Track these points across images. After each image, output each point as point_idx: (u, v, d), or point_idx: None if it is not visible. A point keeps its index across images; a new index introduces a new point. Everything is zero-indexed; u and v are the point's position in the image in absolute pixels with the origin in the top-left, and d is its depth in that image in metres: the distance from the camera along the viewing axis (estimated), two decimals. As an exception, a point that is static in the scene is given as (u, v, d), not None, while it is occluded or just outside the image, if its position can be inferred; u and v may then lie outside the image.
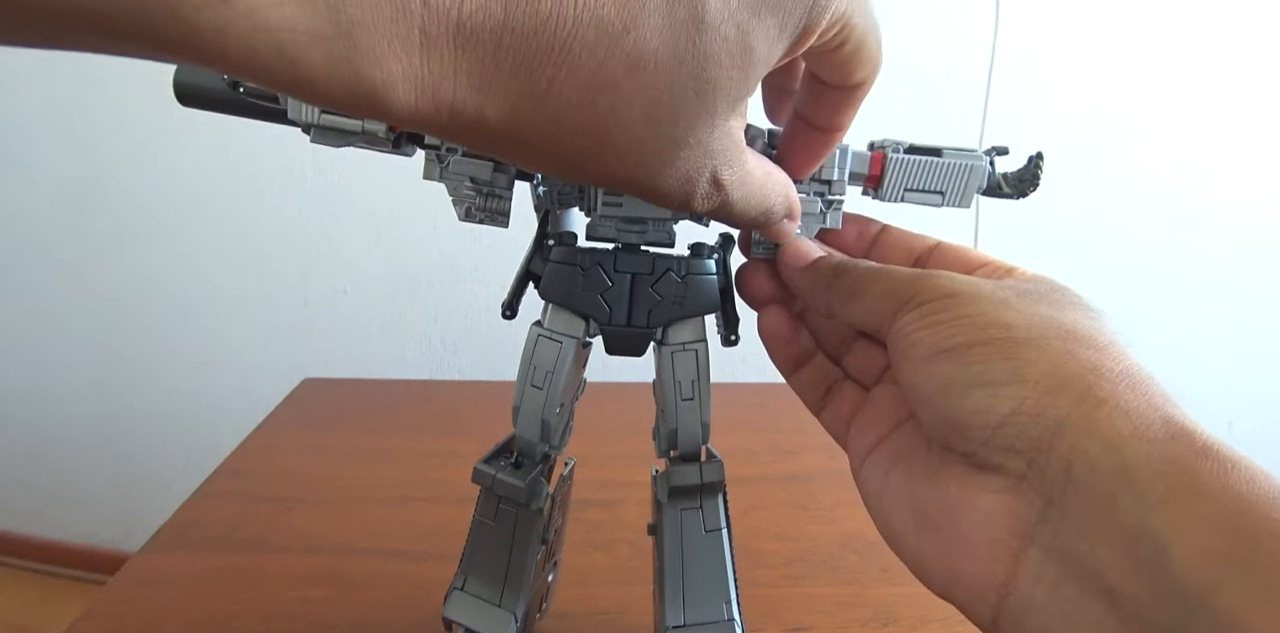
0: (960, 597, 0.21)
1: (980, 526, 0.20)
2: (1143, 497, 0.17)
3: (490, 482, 0.30)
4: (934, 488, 0.22)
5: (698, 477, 0.29)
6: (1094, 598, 0.18)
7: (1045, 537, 0.19)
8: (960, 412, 0.20)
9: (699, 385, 0.29)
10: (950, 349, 0.21)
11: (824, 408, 0.29)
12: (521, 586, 0.31)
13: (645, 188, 0.20)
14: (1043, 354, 0.20)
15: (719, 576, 0.30)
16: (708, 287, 0.28)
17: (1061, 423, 0.19)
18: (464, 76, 0.16)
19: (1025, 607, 0.19)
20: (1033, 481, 0.19)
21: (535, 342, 0.28)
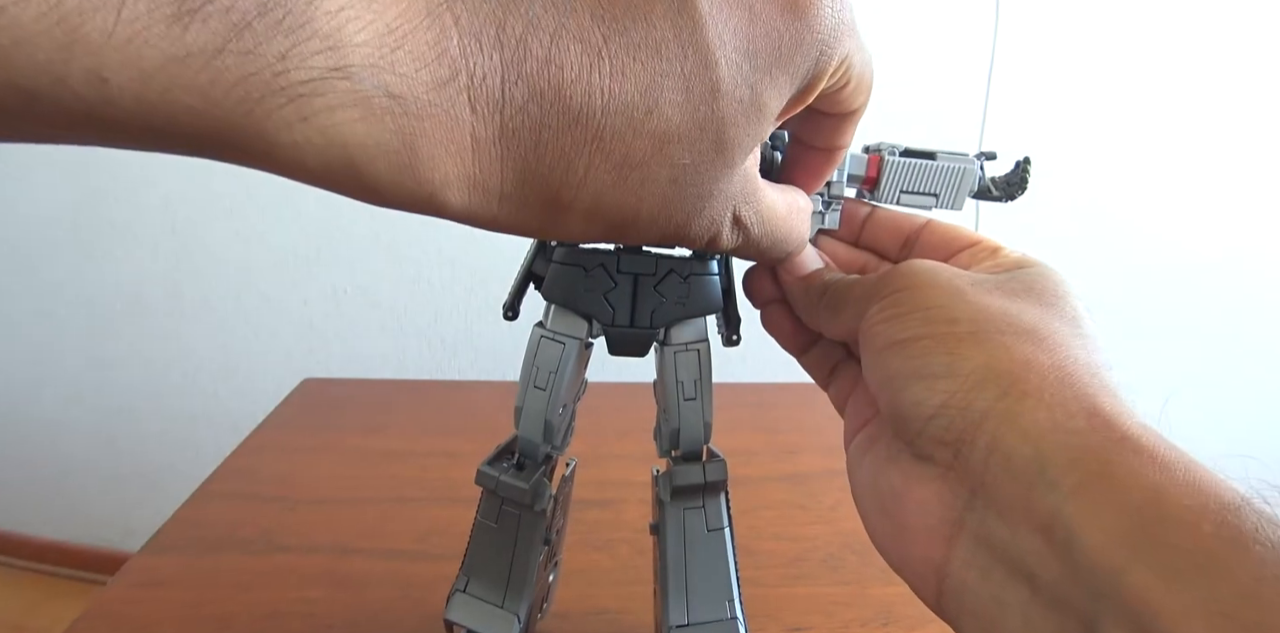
0: (909, 578, 0.22)
1: (917, 513, 0.21)
2: (1055, 486, 0.18)
3: (494, 484, 0.29)
4: (886, 476, 0.23)
5: (700, 476, 0.29)
6: (1019, 583, 0.19)
7: (972, 525, 0.20)
8: (901, 403, 0.22)
9: (701, 385, 0.29)
10: (900, 341, 0.22)
11: (830, 385, 0.30)
12: (524, 587, 0.30)
13: (676, 239, 0.22)
14: (979, 348, 0.21)
15: (721, 575, 0.30)
16: (710, 287, 0.28)
17: (985, 415, 0.20)
18: (510, 172, 0.18)
19: (961, 590, 0.20)
20: (958, 471, 0.20)
21: (538, 343, 0.28)
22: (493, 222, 0.19)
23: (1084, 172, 1.07)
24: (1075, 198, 1.07)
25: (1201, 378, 1.18)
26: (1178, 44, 1.04)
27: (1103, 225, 1.12)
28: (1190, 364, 1.18)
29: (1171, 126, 1.08)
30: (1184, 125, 1.08)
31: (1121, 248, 1.13)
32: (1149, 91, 1.06)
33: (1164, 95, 1.06)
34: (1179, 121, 1.08)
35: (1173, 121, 1.08)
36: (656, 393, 0.31)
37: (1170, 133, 1.08)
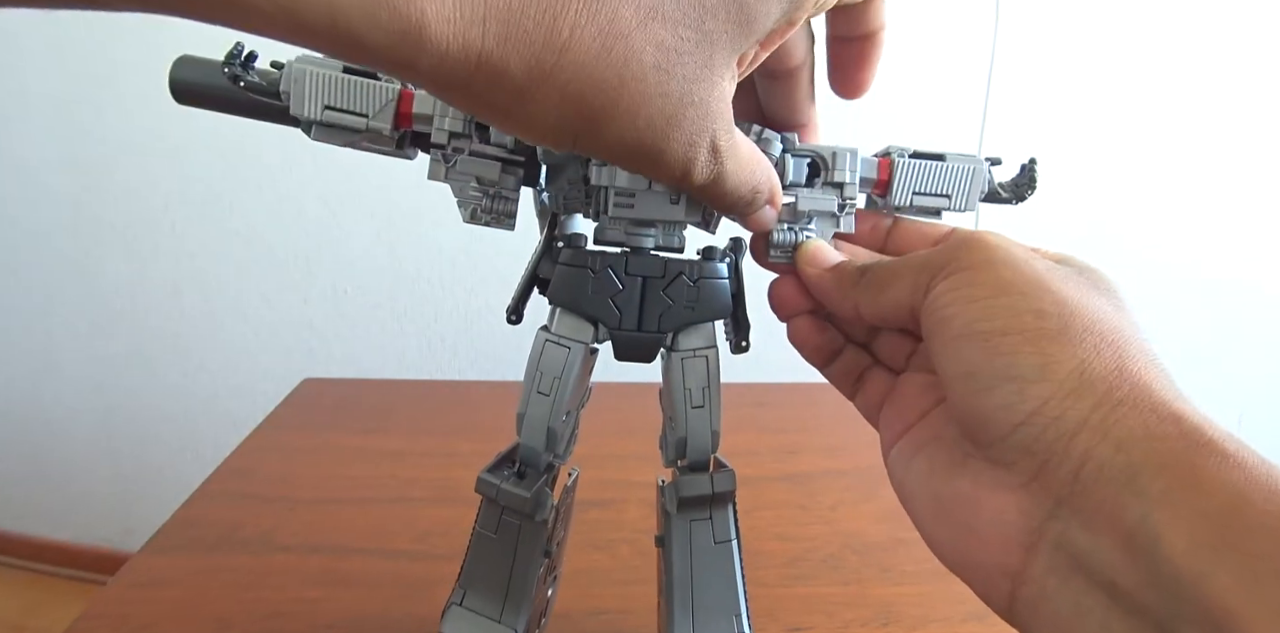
0: (976, 583, 0.22)
1: (992, 522, 0.21)
2: (1144, 494, 0.18)
3: (495, 492, 0.29)
4: (951, 481, 0.22)
5: (709, 487, 0.28)
6: (1098, 590, 0.19)
7: (1054, 533, 0.20)
8: (984, 405, 0.21)
9: (709, 393, 0.28)
10: (983, 333, 0.21)
11: (856, 394, 0.29)
12: (523, 600, 0.30)
13: (652, 153, 0.21)
14: (1070, 351, 0.20)
15: (729, 589, 0.29)
16: (720, 291, 0.28)
17: (1080, 427, 0.20)
18: (493, 23, 0.17)
19: (1039, 596, 0.20)
20: (1044, 480, 0.20)
21: (542, 347, 0.28)
22: (467, 85, 0.18)
23: (1084, 172, 1.07)
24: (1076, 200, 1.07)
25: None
26: (1178, 44, 1.04)
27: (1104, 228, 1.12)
28: (1187, 365, 1.18)
29: (1173, 126, 1.08)
30: (1186, 125, 1.08)
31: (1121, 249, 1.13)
32: (1150, 91, 1.06)
33: (1164, 95, 1.06)
34: (1180, 121, 1.08)
35: (1174, 121, 1.08)
36: (662, 400, 0.31)
37: (1172, 133, 1.08)
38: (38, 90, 1.06)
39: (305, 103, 0.25)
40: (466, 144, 0.26)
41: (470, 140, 0.26)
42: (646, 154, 0.21)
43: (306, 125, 0.26)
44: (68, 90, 1.05)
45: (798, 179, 0.28)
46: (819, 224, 0.28)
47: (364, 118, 0.25)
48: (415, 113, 0.26)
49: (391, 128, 0.25)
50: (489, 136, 0.26)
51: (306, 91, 0.25)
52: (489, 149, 0.26)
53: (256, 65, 0.25)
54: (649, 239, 0.28)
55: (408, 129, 0.26)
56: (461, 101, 0.19)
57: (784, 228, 0.28)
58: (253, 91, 0.25)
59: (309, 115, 0.25)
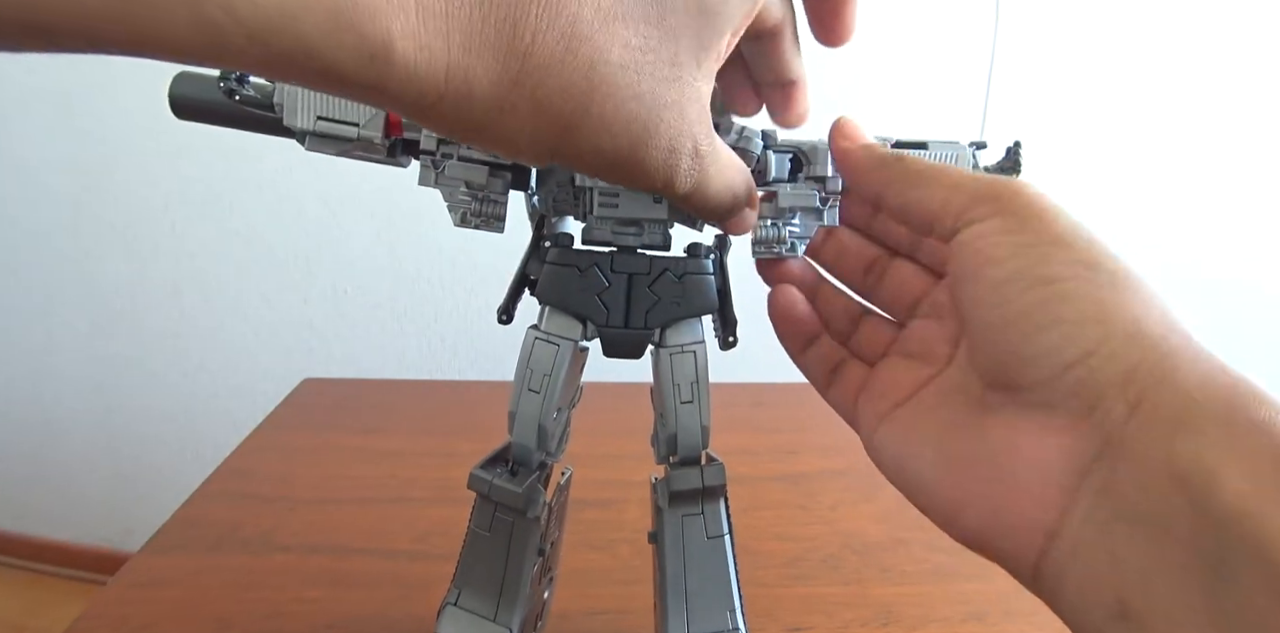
0: (1001, 544, 0.21)
1: (1033, 466, 0.20)
2: (1200, 433, 0.18)
3: (487, 487, 0.29)
4: (975, 433, 0.22)
5: (699, 480, 0.29)
6: (1142, 535, 0.18)
7: (1099, 476, 0.19)
8: (1033, 346, 0.21)
9: (698, 388, 0.28)
10: (1036, 277, 0.21)
11: (831, 385, 0.29)
12: (517, 599, 0.30)
13: (632, 161, 0.20)
14: (1125, 301, 0.20)
15: (722, 584, 0.30)
16: (705, 286, 0.28)
17: (1136, 368, 0.19)
18: (456, 35, 0.17)
19: (1073, 548, 0.20)
20: (1095, 421, 0.20)
21: (532, 345, 0.28)
22: (438, 105, 0.18)
23: (1084, 171, 1.07)
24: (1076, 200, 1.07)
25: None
26: (1178, 41, 1.04)
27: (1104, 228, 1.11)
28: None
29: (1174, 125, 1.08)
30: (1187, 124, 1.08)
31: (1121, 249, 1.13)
32: (1151, 89, 1.06)
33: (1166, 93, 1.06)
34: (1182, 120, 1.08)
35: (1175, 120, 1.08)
36: (653, 398, 0.31)
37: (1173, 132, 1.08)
38: (38, 90, 1.06)
39: (298, 114, 0.25)
40: (455, 149, 0.27)
41: (458, 146, 0.27)
42: (626, 163, 0.20)
43: (301, 136, 0.26)
44: (68, 90, 1.05)
45: (780, 175, 0.28)
46: (802, 219, 0.29)
47: (355, 127, 0.26)
48: (404, 121, 0.26)
49: (382, 136, 0.26)
50: None
51: (299, 103, 0.26)
52: (476, 154, 0.27)
53: (251, 79, 0.26)
54: (635, 238, 0.28)
55: (398, 137, 0.27)
56: (438, 122, 0.19)
57: (767, 224, 0.28)
58: (248, 105, 0.26)
59: (302, 126, 0.26)
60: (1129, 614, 0.18)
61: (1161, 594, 0.18)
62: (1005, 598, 0.45)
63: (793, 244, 0.29)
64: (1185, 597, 0.17)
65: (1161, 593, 0.18)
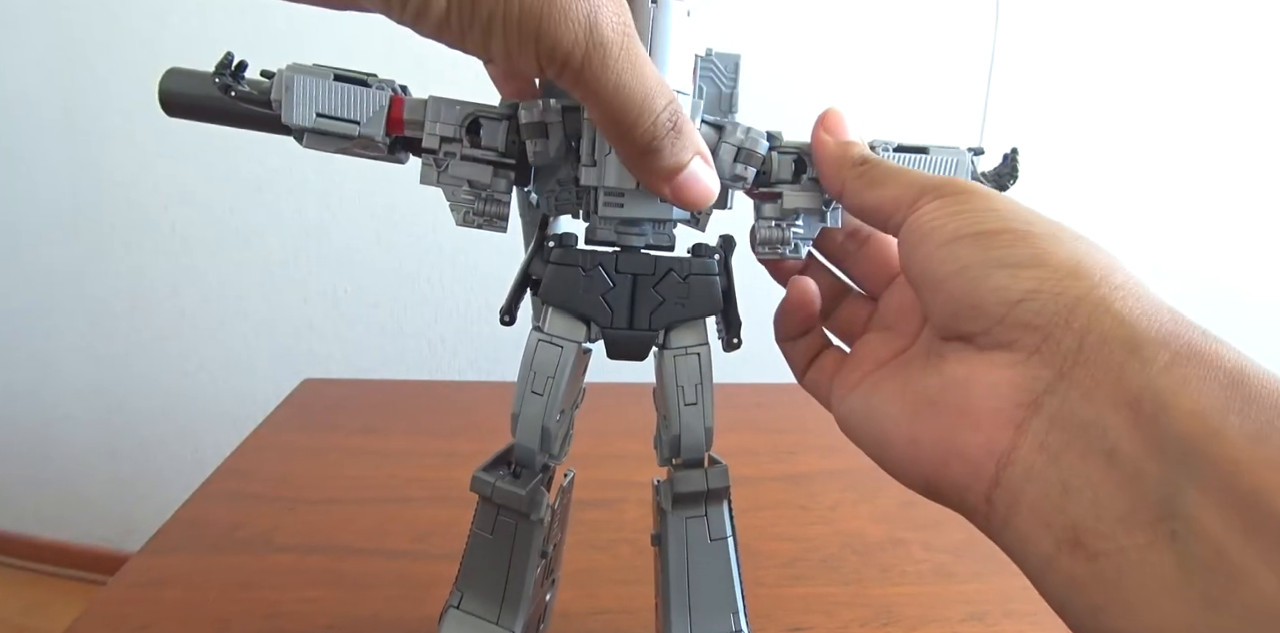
0: (955, 476, 0.22)
1: (986, 396, 0.21)
2: (1149, 361, 0.19)
3: (490, 490, 0.29)
4: (935, 375, 0.23)
5: (703, 482, 0.29)
6: (1093, 463, 0.19)
7: (1051, 407, 0.20)
8: (979, 291, 0.22)
9: (702, 390, 0.28)
10: (972, 235, 0.22)
11: (808, 369, 0.30)
12: (520, 601, 0.30)
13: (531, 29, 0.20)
14: (1063, 247, 0.22)
15: (726, 586, 0.30)
16: (710, 287, 0.28)
17: (1080, 301, 0.20)
18: None
19: (1025, 477, 0.20)
20: (1045, 354, 0.21)
21: (535, 346, 0.28)
22: None
23: (1083, 173, 1.07)
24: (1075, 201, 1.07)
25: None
26: (1179, 43, 1.04)
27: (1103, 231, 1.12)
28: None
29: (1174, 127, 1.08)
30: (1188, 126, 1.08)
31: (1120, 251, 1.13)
32: (1151, 92, 1.06)
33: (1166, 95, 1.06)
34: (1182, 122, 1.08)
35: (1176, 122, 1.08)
36: (656, 399, 0.31)
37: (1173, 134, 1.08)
38: (38, 90, 1.06)
39: (297, 110, 0.25)
40: (458, 148, 0.27)
41: (461, 145, 0.27)
42: (528, 32, 0.19)
43: (298, 133, 0.26)
44: (68, 90, 1.05)
45: (783, 176, 0.28)
46: (806, 221, 0.29)
47: (356, 125, 0.25)
48: (406, 119, 0.26)
49: (383, 134, 0.26)
50: (480, 140, 0.27)
51: (297, 99, 0.25)
52: (480, 153, 0.27)
53: (247, 75, 0.25)
54: (639, 238, 0.28)
55: (399, 135, 0.26)
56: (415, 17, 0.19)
57: (771, 225, 0.29)
58: (244, 101, 0.25)
59: (301, 123, 0.25)
60: (1081, 542, 0.19)
61: (1113, 521, 0.18)
62: (1005, 598, 0.45)
63: (796, 245, 0.29)
64: (1137, 523, 0.18)
65: (1113, 519, 0.18)
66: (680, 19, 0.25)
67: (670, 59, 0.25)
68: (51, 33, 1.03)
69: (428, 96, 0.26)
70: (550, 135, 0.26)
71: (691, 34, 0.25)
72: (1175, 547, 0.17)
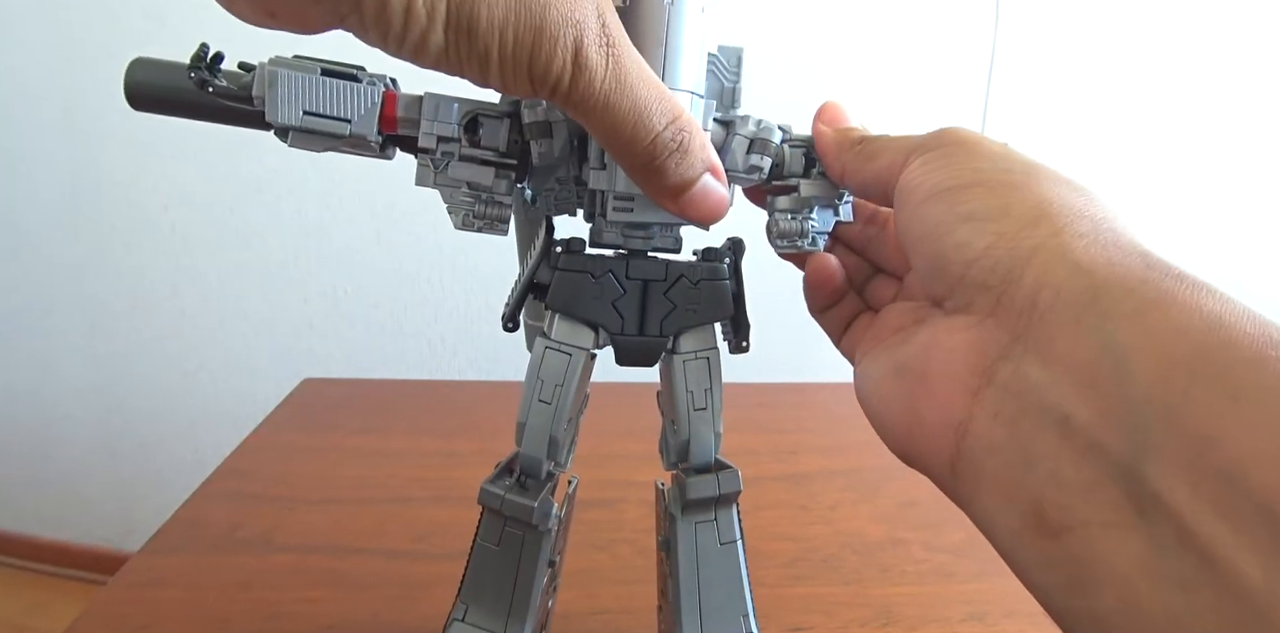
0: (919, 446, 0.21)
1: (943, 363, 0.20)
2: (1109, 315, 0.17)
3: (499, 503, 0.28)
4: (908, 342, 0.22)
5: (715, 488, 0.28)
6: (1049, 431, 0.17)
7: (1005, 373, 0.19)
8: (944, 247, 0.21)
9: (711, 395, 0.28)
10: (948, 189, 0.21)
11: (843, 336, 0.29)
12: (527, 612, 0.29)
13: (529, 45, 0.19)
14: (1034, 193, 0.20)
15: (735, 590, 0.29)
16: (722, 292, 0.28)
17: (1035, 251, 0.19)
18: None
19: (985, 449, 0.19)
20: (999, 317, 0.19)
21: (542, 354, 0.27)
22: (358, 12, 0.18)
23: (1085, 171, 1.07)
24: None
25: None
26: (1178, 41, 1.04)
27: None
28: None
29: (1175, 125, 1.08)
30: (1189, 124, 1.08)
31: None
32: (1150, 88, 1.06)
33: (1165, 91, 1.06)
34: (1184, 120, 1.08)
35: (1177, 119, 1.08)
36: (661, 403, 0.30)
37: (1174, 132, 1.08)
38: (38, 90, 1.06)
39: (282, 108, 0.23)
40: (456, 148, 0.25)
41: (459, 144, 0.25)
42: (521, 62, 0.19)
43: (282, 131, 0.24)
44: (68, 90, 1.05)
45: (795, 170, 0.28)
46: (820, 213, 0.29)
47: (347, 123, 0.24)
48: (400, 117, 0.25)
49: (376, 133, 0.24)
50: (479, 140, 0.25)
51: (282, 96, 0.23)
52: (479, 152, 0.25)
53: (224, 67, 0.24)
54: (645, 241, 0.27)
55: (392, 133, 0.25)
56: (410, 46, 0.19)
57: (788, 217, 0.28)
58: (223, 97, 0.24)
59: (287, 122, 0.23)
60: (1045, 516, 0.17)
61: (1075, 494, 0.17)
62: (1005, 598, 0.45)
63: (814, 238, 0.28)
64: (1101, 498, 0.16)
65: (1075, 493, 0.17)
66: (695, 16, 0.24)
67: (685, 58, 0.24)
68: (51, 33, 1.03)
69: (423, 93, 0.25)
70: (555, 134, 0.25)
71: (706, 31, 0.25)
72: (1144, 526, 0.15)
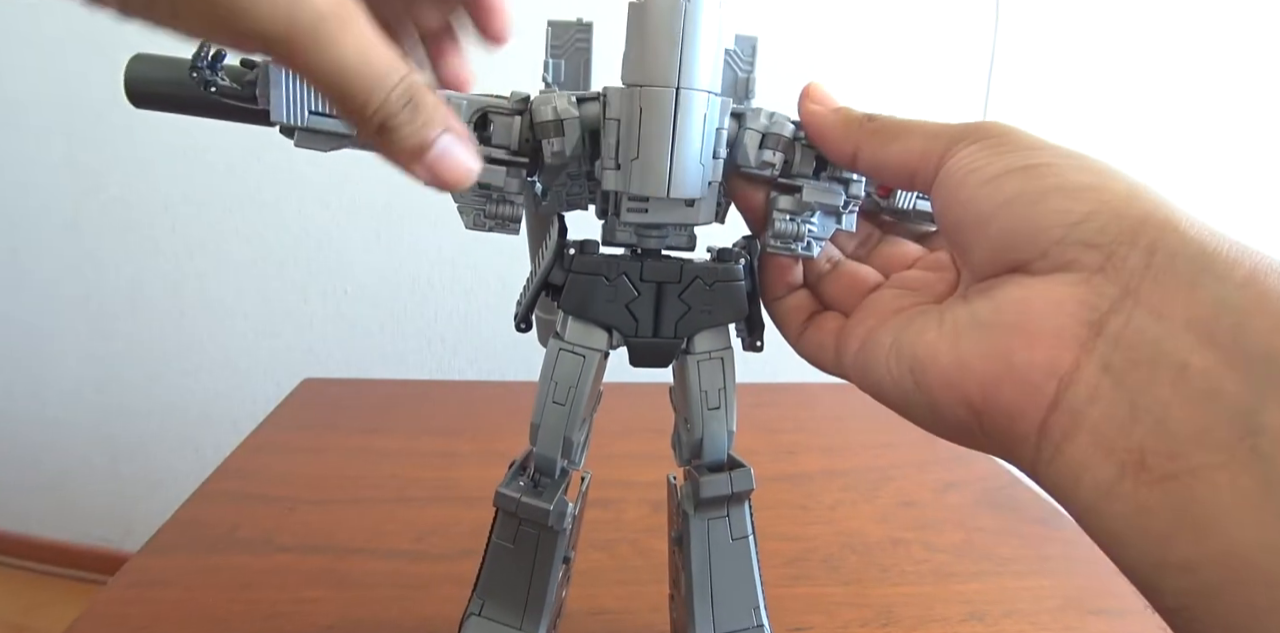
0: (1007, 399, 0.20)
1: (1046, 315, 0.20)
2: (1224, 278, 0.18)
3: (515, 506, 0.28)
4: (985, 301, 0.22)
5: (728, 487, 0.28)
6: (1162, 382, 0.18)
7: (1116, 325, 0.19)
8: (1034, 215, 0.21)
9: (725, 394, 0.28)
10: (1020, 168, 0.21)
11: (804, 332, 0.28)
12: (543, 607, 0.29)
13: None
14: (1114, 175, 0.21)
15: (747, 583, 0.30)
16: (737, 293, 0.27)
17: (1146, 218, 0.19)
18: None
19: (1088, 398, 0.19)
20: (1109, 272, 0.19)
21: (556, 356, 0.27)
22: None
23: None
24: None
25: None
26: (1179, 42, 1.04)
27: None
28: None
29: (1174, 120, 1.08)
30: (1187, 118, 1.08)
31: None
32: (1151, 87, 1.06)
33: (1165, 90, 1.06)
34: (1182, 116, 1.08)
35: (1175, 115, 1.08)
36: (674, 400, 0.31)
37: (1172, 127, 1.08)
38: (38, 90, 1.06)
39: (287, 108, 0.23)
40: None
41: None
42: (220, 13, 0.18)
43: (288, 130, 0.24)
44: (68, 91, 1.05)
45: (804, 170, 0.27)
46: (821, 219, 0.28)
47: None
48: None
49: None
50: (490, 138, 0.25)
51: (287, 96, 0.23)
52: (490, 151, 0.25)
53: (225, 64, 0.23)
54: (659, 240, 0.27)
55: None
56: None
57: (787, 219, 0.27)
58: (227, 97, 0.23)
59: (293, 122, 0.23)
60: (1147, 465, 0.18)
61: (1185, 440, 0.17)
62: (1005, 598, 0.45)
63: (809, 243, 0.28)
64: (1211, 441, 0.17)
65: (1184, 439, 0.17)
66: (713, 10, 0.24)
67: (702, 57, 0.24)
68: (52, 32, 1.03)
69: (434, 91, 0.25)
70: (567, 133, 0.25)
71: (721, 26, 0.24)
72: (1257, 463, 0.16)
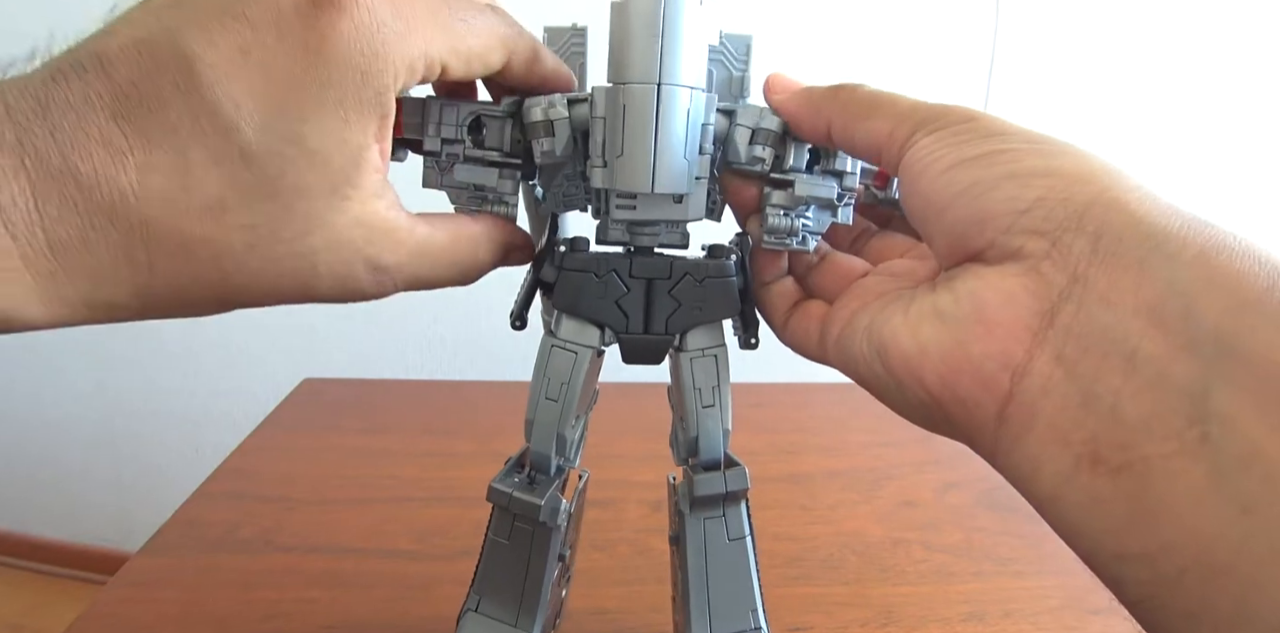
0: (965, 390, 0.20)
1: (999, 306, 0.20)
2: (1173, 258, 0.18)
3: (507, 501, 0.28)
4: (945, 293, 0.22)
5: (722, 485, 0.28)
6: (1113, 369, 0.18)
7: (1066, 314, 0.19)
8: (985, 203, 0.21)
9: (720, 392, 0.28)
10: (976, 157, 0.21)
11: (789, 319, 0.28)
12: (538, 604, 0.30)
13: (307, 296, 0.22)
14: (1071, 158, 0.21)
15: (744, 585, 0.30)
16: (728, 289, 0.27)
17: (1090, 204, 0.19)
18: (80, 278, 0.19)
19: (1041, 390, 0.19)
20: (1056, 259, 0.19)
21: (548, 352, 0.27)
22: (92, 322, 0.20)
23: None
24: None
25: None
26: (1179, 42, 1.04)
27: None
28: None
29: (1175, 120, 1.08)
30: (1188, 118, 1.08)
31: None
32: (1151, 86, 1.06)
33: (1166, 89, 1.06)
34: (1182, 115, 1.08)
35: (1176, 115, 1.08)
36: (671, 398, 0.31)
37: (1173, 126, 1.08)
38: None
39: None
40: (460, 149, 0.26)
41: (464, 145, 0.26)
42: (303, 297, 0.22)
43: None
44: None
45: (798, 164, 0.27)
46: (816, 213, 0.27)
47: None
48: (406, 121, 0.25)
49: None
50: (483, 140, 0.26)
51: None
52: (483, 153, 0.26)
53: None
54: (651, 238, 0.27)
55: (399, 137, 0.25)
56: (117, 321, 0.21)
57: (780, 214, 0.27)
58: None
59: None
60: (1101, 456, 0.18)
61: (1136, 429, 0.17)
62: (1005, 598, 0.45)
63: (804, 237, 0.27)
64: (1162, 430, 0.17)
65: (1135, 428, 0.17)
66: (693, 9, 0.24)
67: (684, 52, 0.24)
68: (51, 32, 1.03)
69: (427, 96, 0.25)
70: (556, 132, 0.25)
71: (704, 24, 0.24)
72: (1207, 451, 0.16)
